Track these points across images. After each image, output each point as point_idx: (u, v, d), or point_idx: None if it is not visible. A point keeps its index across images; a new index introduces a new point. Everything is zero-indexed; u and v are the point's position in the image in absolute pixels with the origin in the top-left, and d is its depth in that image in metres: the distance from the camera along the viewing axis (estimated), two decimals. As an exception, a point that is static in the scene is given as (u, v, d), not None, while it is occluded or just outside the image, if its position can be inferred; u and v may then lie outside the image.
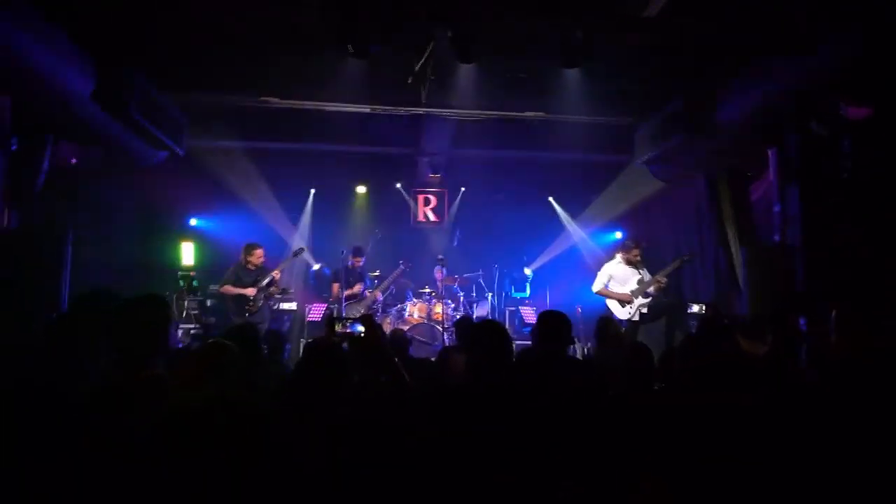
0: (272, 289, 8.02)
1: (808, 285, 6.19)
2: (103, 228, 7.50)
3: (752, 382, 3.06)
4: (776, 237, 6.81)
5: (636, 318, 7.98)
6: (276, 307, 9.13)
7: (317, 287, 9.78)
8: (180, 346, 6.69)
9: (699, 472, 1.63)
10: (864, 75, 5.14)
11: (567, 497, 1.61)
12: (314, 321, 8.81)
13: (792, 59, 5.64)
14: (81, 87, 6.02)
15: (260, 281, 7.88)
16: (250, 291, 7.73)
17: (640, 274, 8.04)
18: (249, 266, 7.95)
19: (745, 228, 7.58)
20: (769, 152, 6.88)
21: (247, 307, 7.78)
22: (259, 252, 7.99)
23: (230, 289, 7.81)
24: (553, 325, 3.69)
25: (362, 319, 2.69)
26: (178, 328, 7.80)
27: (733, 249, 7.67)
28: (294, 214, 10.21)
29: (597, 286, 8.19)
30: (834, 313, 2.23)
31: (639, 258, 8.11)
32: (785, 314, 4.33)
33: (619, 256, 8.29)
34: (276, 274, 7.99)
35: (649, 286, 7.91)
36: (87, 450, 1.99)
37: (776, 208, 6.81)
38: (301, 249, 8.69)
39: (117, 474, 1.64)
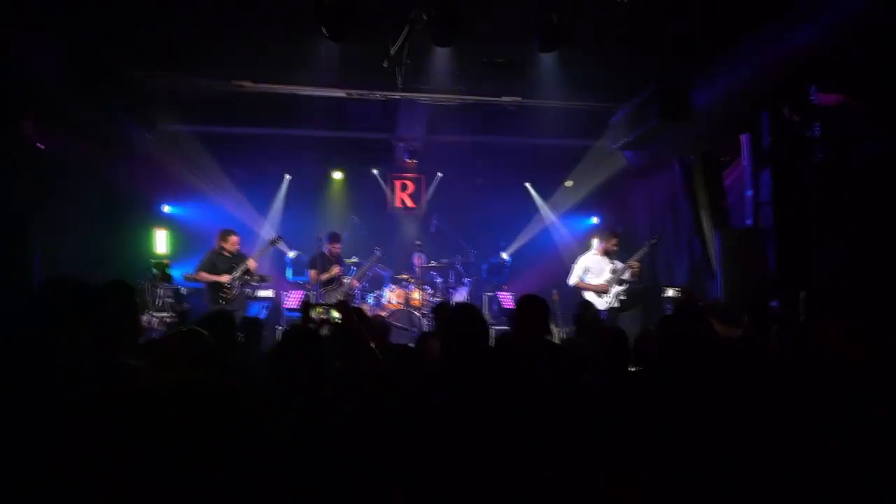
0: (248, 276, 7.92)
1: (779, 269, 6.30)
2: (73, 215, 7.33)
3: (728, 366, 3.11)
4: (749, 221, 6.91)
5: (615, 304, 8.06)
6: (252, 294, 9.05)
7: (293, 274, 9.71)
8: (154, 335, 6.59)
9: (680, 460, 1.64)
10: (836, 62, 5.20)
11: (547, 485, 1.62)
12: (291, 308, 8.75)
13: (765, 46, 5.69)
14: (50, 68, 5.86)
15: (236, 268, 7.76)
16: (225, 278, 7.61)
17: (612, 263, 8.11)
18: (225, 252, 7.80)
19: (718, 213, 7.67)
20: (742, 138, 6.96)
21: (222, 294, 7.66)
22: (234, 238, 7.84)
23: (205, 276, 7.67)
24: (531, 309, 3.70)
25: (337, 306, 2.67)
26: (150, 316, 7.67)
27: (707, 234, 7.76)
28: (268, 200, 10.09)
29: (573, 279, 8.24)
30: (802, 295, 2.25)
31: (616, 248, 8.18)
32: (760, 298, 4.40)
33: (595, 247, 8.36)
34: (251, 263, 7.86)
35: (624, 273, 7.97)
36: (64, 440, 1.95)
37: (748, 193, 6.91)
38: (278, 238, 8.56)
39: (94, 461, 1.61)
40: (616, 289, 8.00)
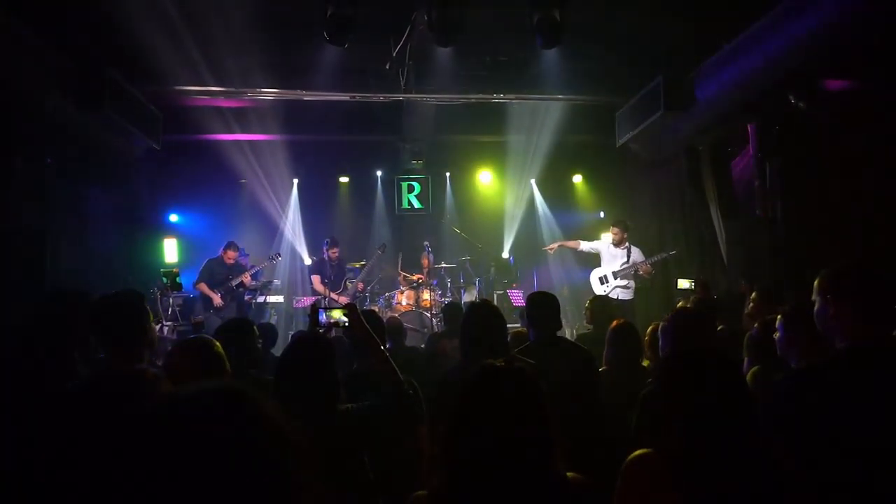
0: (241, 288, 8.29)
1: (788, 258, 6.25)
2: (82, 227, 7.39)
3: (749, 359, 3.08)
4: (757, 211, 6.86)
5: (615, 296, 8.10)
6: (262, 301, 9.14)
7: (306, 281, 9.83)
8: (169, 348, 6.62)
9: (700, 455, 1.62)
10: (843, 49, 5.14)
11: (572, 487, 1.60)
12: (303, 318, 8.87)
13: (770, 34, 5.64)
14: (54, 86, 5.91)
15: (231, 280, 8.15)
16: (217, 300, 8.02)
17: (625, 258, 8.16)
18: (224, 263, 8.24)
19: (727, 204, 7.62)
20: (749, 127, 6.91)
21: (213, 304, 8.06)
22: (231, 254, 8.26)
23: (204, 288, 8.09)
24: (542, 306, 3.68)
25: (345, 308, 2.66)
26: (162, 325, 7.74)
27: (716, 225, 7.72)
28: (277, 205, 10.11)
29: (583, 245, 8.60)
30: (816, 283, 2.22)
31: (616, 236, 8.25)
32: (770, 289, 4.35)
33: (611, 236, 8.44)
34: (245, 278, 8.23)
35: (633, 270, 8.05)
36: (77, 442, 1.96)
37: (756, 183, 6.86)
38: (277, 255, 8.76)
39: (110, 464, 1.62)
40: (616, 282, 8.06)
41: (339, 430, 2.28)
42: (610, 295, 7.99)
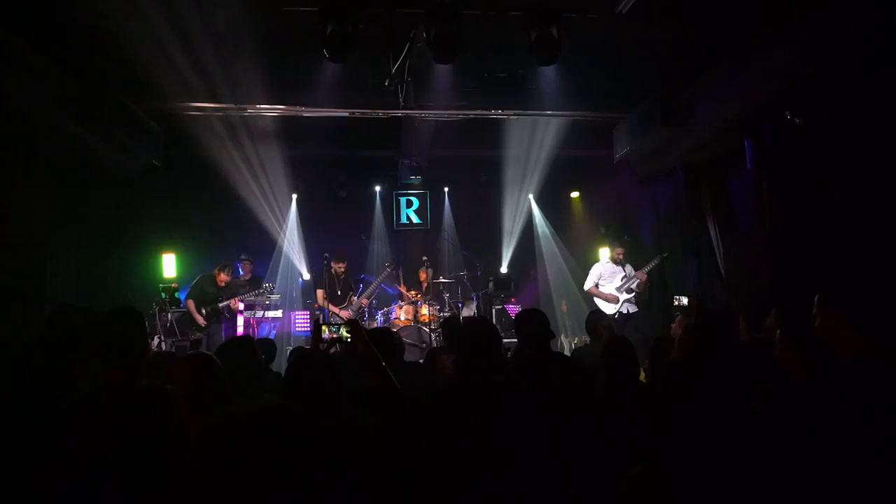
0: (227, 314, 8.40)
1: (786, 272, 6.26)
2: (82, 243, 7.39)
3: (747, 374, 3.07)
4: (754, 226, 6.89)
5: (625, 311, 8.12)
6: (261, 316, 9.12)
7: (304, 296, 9.84)
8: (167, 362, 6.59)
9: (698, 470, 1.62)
10: (839, 65, 5.19)
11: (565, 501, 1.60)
12: (301, 332, 8.89)
13: (767, 51, 5.70)
14: (54, 102, 5.95)
15: (220, 301, 8.28)
16: (200, 320, 8.15)
17: (623, 271, 8.19)
18: (216, 282, 8.35)
19: (724, 219, 7.65)
20: (746, 142, 6.95)
21: (197, 323, 8.20)
22: (223, 276, 8.37)
23: (191, 308, 8.19)
24: (530, 323, 3.66)
25: (347, 324, 2.67)
26: (160, 341, 7.72)
27: (714, 239, 7.74)
28: (277, 222, 10.12)
29: (587, 285, 8.40)
30: (817, 298, 2.23)
31: (621, 256, 8.28)
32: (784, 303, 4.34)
33: (605, 254, 8.46)
34: (233, 303, 8.34)
35: (632, 282, 8.06)
36: (87, 463, 1.95)
37: (754, 198, 6.89)
38: (271, 286, 8.85)
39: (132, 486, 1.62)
40: (625, 296, 8.07)
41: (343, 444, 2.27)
42: (620, 310, 8.04)
